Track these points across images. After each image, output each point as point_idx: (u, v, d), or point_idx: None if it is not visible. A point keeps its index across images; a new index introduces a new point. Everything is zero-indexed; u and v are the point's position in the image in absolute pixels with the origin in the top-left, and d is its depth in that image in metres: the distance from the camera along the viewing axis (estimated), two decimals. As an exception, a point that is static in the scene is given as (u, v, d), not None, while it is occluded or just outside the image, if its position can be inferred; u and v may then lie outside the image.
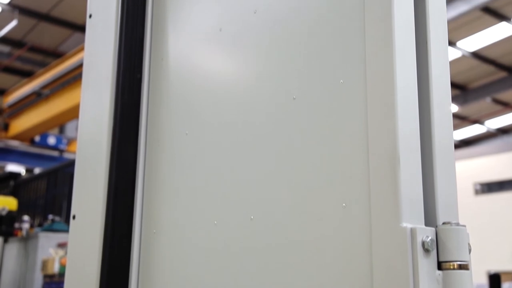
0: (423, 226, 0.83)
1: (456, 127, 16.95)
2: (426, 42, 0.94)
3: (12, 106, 10.33)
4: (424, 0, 0.95)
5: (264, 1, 1.13)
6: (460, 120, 16.76)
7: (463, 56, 12.80)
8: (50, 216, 6.87)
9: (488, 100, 15.49)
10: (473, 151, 16.97)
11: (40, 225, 7.15)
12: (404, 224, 0.81)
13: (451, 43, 11.91)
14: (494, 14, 11.08)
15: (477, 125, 17.70)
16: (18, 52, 11.84)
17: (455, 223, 0.83)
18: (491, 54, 13.02)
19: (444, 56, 0.96)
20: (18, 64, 12.47)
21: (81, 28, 11.17)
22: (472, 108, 16.11)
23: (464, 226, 0.84)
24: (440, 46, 0.95)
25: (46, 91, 9.25)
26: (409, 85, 0.89)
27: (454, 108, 15.42)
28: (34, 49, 12.05)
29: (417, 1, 0.94)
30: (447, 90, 0.95)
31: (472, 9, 10.22)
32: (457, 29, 11.39)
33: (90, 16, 1.57)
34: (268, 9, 1.12)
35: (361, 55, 0.92)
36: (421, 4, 0.94)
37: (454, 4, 10.14)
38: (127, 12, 1.41)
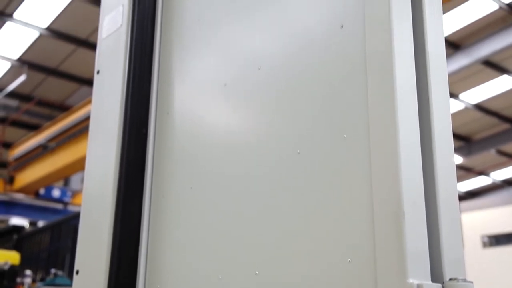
0: (430, 282, 0.82)
1: (461, 178, 16.86)
2: (428, 98, 0.95)
3: (18, 159, 10.39)
4: (425, 57, 0.97)
5: (268, 58, 1.15)
6: (465, 171, 16.70)
7: (466, 108, 12.88)
8: (53, 270, 6.78)
9: (492, 151, 15.48)
10: (479, 203, 16.82)
11: (42, 279, 7.05)
12: (411, 280, 0.80)
13: (454, 96, 12.01)
14: (495, 67, 11.22)
15: (482, 177, 17.62)
16: (26, 106, 12.01)
17: (462, 279, 0.82)
18: (493, 106, 13.11)
19: (446, 110, 0.97)
20: (25, 118, 12.62)
21: (88, 82, 11.35)
22: (477, 160, 16.08)
23: (471, 282, 0.83)
24: (442, 100, 0.97)
25: (52, 144, 9.32)
26: (412, 139, 0.89)
27: (459, 159, 15.39)
28: (41, 103, 12.22)
29: (418, 58, 0.96)
30: (450, 143, 0.96)
31: (473, 63, 10.36)
32: (459, 82, 11.52)
33: (98, 72, 1.60)
34: (272, 66, 1.14)
35: (364, 111, 0.93)
36: (422, 61, 0.96)
37: (455, 57, 10.29)
38: (134, 69, 1.45)
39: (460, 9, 9.21)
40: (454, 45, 10.35)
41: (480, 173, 17.36)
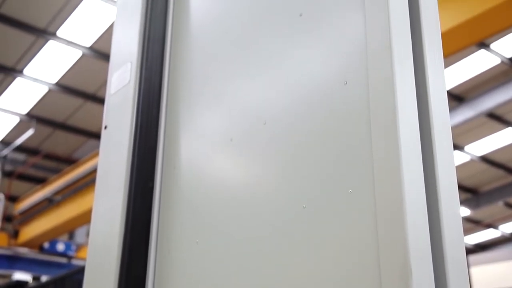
0: None
1: (469, 231, 16.65)
2: (432, 152, 0.96)
3: (23, 213, 10.38)
4: (428, 112, 0.98)
5: (274, 114, 1.17)
6: (474, 224, 16.51)
7: (472, 160, 12.87)
8: (55, 327, 6.63)
9: (500, 204, 15.35)
10: (489, 256, 16.53)
11: (44, 336, 6.90)
12: (419, 338, 0.78)
13: (459, 148, 12.03)
14: (499, 120, 11.28)
15: (491, 230, 17.40)
16: (32, 159, 12.09)
17: (472, 336, 0.81)
18: (499, 159, 13.09)
19: (450, 163, 0.98)
20: (32, 171, 12.68)
21: (95, 135, 11.46)
22: (484, 212, 15.93)
23: None
24: (446, 154, 0.97)
25: (57, 197, 9.33)
26: (417, 193, 0.90)
27: (466, 212, 15.24)
28: (48, 156, 12.31)
29: (421, 113, 0.97)
30: (455, 196, 0.96)
31: (477, 115, 10.42)
32: (464, 134, 11.56)
33: (106, 127, 1.63)
34: (277, 121, 1.16)
35: (369, 166, 0.94)
36: (425, 115, 0.98)
37: (460, 110, 10.37)
38: (141, 124, 1.47)
39: (463, 63, 9.34)
40: (458, 98, 10.45)
41: (489, 225, 17.15)
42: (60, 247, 11.27)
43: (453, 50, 4.92)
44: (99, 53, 9.16)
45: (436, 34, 1.04)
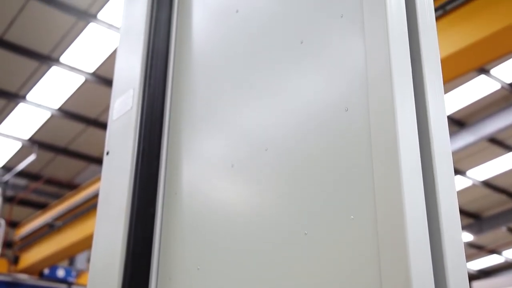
0: None
1: (473, 257, 16.50)
2: (433, 177, 0.96)
3: (23, 238, 10.32)
4: (428, 137, 0.98)
5: (275, 140, 1.18)
6: (477, 249, 16.38)
7: (474, 185, 12.83)
8: None
9: (503, 229, 15.25)
10: (493, 282, 16.35)
11: None
12: None
13: (461, 172, 12.00)
14: (501, 145, 11.28)
15: (494, 255, 17.25)
16: (34, 185, 12.08)
17: None
18: (501, 184, 13.05)
19: (451, 189, 0.98)
20: (33, 197, 12.65)
21: (97, 160, 11.47)
22: (488, 238, 15.81)
23: None
24: (447, 179, 0.98)
25: (58, 222, 9.29)
26: (419, 218, 0.90)
27: (469, 237, 15.13)
28: (50, 181, 12.30)
29: (422, 138, 0.98)
30: (457, 221, 0.96)
31: (479, 140, 10.42)
32: (466, 159, 11.55)
33: (108, 153, 1.63)
34: (279, 147, 1.16)
35: (371, 192, 0.94)
36: (425, 141, 0.98)
37: (461, 135, 10.38)
38: (143, 150, 1.48)
39: (463, 88, 9.39)
40: (459, 122, 10.46)
41: (492, 251, 17.01)
42: (60, 273, 11.19)
43: (454, 76, 4.95)
44: (102, 78, 9.23)
45: (436, 61, 1.06)
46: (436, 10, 4.77)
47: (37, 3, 7.80)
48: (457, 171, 11.70)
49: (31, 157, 11.08)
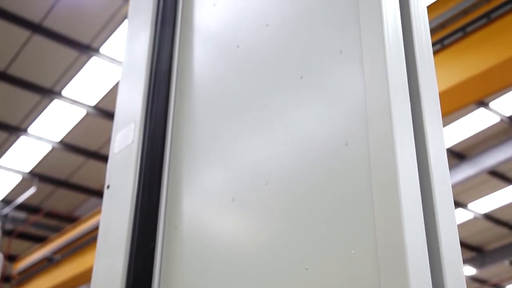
0: None
1: (476, 291, 16.29)
2: (434, 211, 0.96)
3: (21, 272, 10.21)
4: (428, 172, 0.99)
5: (276, 174, 1.18)
6: (480, 284, 16.19)
7: (475, 218, 12.76)
8: None
9: (506, 263, 15.10)
10: (497, 317, 16.11)
11: None
12: None
13: (462, 205, 11.94)
14: (502, 177, 11.26)
15: (498, 290, 17.04)
16: (33, 218, 12.02)
17: None
18: (503, 217, 12.98)
19: (452, 222, 0.98)
20: (32, 230, 12.58)
21: (97, 193, 11.44)
22: (490, 272, 15.64)
23: None
24: (447, 212, 0.98)
25: (57, 256, 9.21)
26: (420, 255, 0.90)
27: (472, 271, 14.97)
28: (49, 214, 12.24)
29: (422, 171, 0.98)
30: (458, 257, 0.95)
31: (479, 173, 10.41)
32: (467, 192, 11.51)
33: (108, 187, 1.64)
34: (279, 181, 1.17)
35: (371, 227, 0.94)
36: (425, 175, 0.99)
37: (461, 167, 10.37)
38: (144, 183, 1.48)
39: (463, 121, 9.43)
40: (459, 155, 10.47)
41: (495, 285, 16.80)
42: (58, 308, 11.02)
43: (453, 109, 4.98)
44: (103, 111, 9.28)
45: (434, 95, 1.07)
46: (434, 44, 4.83)
47: (41, 37, 7.91)
48: (459, 204, 11.65)
49: (31, 190, 11.06)
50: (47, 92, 8.91)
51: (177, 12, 1.76)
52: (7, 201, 11.73)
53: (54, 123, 9.55)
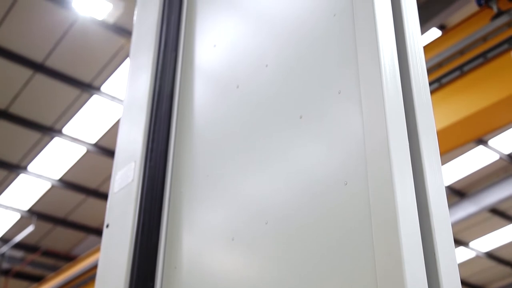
0: None
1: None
2: (434, 249, 0.96)
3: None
4: (428, 210, 0.99)
5: (275, 212, 1.18)
6: (484, 325, 15.91)
7: (478, 257, 12.63)
8: None
9: (510, 304, 14.88)
10: None
11: None
12: None
13: (464, 243, 11.84)
14: (503, 215, 11.21)
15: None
16: (31, 257, 11.90)
17: None
18: (506, 255, 12.86)
19: (453, 261, 0.98)
20: (29, 269, 12.43)
21: (96, 231, 11.35)
22: (494, 312, 15.40)
23: None
24: (447, 253, 0.98)
25: (54, 296, 9.07)
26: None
27: (476, 311, 14.73)
28: (47, 253, 12.12)
29: (421, 211, 0.98)
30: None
31: (480, 210, 10.35)
32: (468, 230, 11.44)
33: (107, 226, 1.63)
34: (278, 220, 1.17)
35: (371, 265, 0.94)
36: (425, 213, 0.99)
37: (462, 205, 10.32)
38: (143, 223, 1.48)
39: (462, 158, 9.45)
40: (459, 193, 10.45)
41: (500, 326, 16.50)
42: None
43: (451, 147, 5.00)
44: (103, 149, 9.30)
45: (432, 134, 1.08)
46: (432, 83, 4.89)
47: (43, 76, 7.99)
48: (460, 242, 11.55)
49: (29, 228, 10.98)
50: (48, 130, 8.95)
51: (178, 52, 1.79)
52: (4, 239, 11.64)
53: (54, 161, 9.56)
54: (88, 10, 7.05)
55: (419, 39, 1.17)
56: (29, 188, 10.28)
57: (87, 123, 8.80)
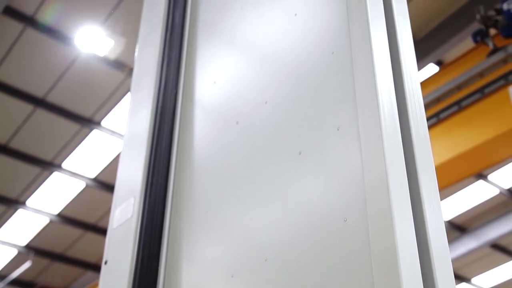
0: None
1: None
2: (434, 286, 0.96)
3: None
4: (428, 246, 0.99)
5: (274, 249, 1.18)
6: None
7: (480, 294, 12.48)
8: None
9: None
10: None
11: None
12: None
13: (466, 279, 11.71)
14: (504, 251, 11.11)
15: None
16: (27, 293, 11.73)
17: None
18: (508, 292, 12.70)
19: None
20: (25, 306, 12.25)
21: (93, 267, 11.23)
22: None
23: None
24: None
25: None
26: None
27: None
28: (43, 289, 11.96)
29: (421, 247, 0.98)
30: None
31: (481, 246, 10.28)
32: (470, 265, 11.32)
33: (106, 262, 1.62)
34: (278, 256, 1.16)
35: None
36: (424, 249, 0.99)
37: (462, 240, 10.25)
38: (142, 258, 1.47)
39: (462, 193, 9.42)
40: (460, 228, 10.38)
41: None
42: None
43: (451, 181, 5.00)
44: (102, 184, 9.28)
45: (431, 170, 1.09)
46: (430, 118, 4.92)
47: (43, 112, 8.04)
48: (462, 278, 11.42)
49: (27, 264, 10.86)
50: (47, 165, 8.95)
51: (178, 88, 1.80)
52: (1, 276, 11.50)
53: (52, 195, 9.53)
54: (89, 46, 7.14)
55: (416, 75, 1.19)
56: (27, 223, 10.21)
57: (87, 157, 8.80)
